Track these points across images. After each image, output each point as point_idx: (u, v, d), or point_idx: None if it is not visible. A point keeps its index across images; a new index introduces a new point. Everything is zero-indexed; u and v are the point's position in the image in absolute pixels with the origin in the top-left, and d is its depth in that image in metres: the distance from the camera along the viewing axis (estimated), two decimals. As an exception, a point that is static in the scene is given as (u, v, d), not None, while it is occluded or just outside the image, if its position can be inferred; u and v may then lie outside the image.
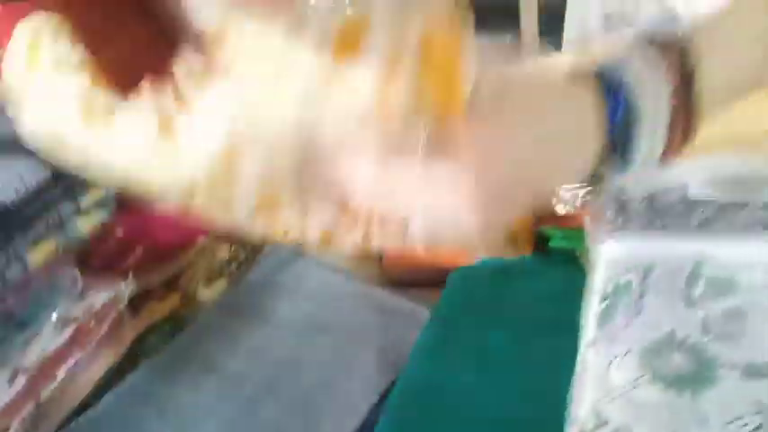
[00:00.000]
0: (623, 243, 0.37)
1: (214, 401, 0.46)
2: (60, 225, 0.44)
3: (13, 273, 0.42)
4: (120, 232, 0.53)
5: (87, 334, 0.48)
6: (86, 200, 0.45)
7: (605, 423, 0.30)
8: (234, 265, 0.62)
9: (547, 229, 0.49)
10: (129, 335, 0.51)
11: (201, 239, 0.58)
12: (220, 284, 0.60)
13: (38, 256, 0.43)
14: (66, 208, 0.44)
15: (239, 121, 0.31)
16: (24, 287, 0.44)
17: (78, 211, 0.45)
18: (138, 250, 0.54)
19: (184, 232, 0.56)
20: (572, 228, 0.47)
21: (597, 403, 0.31)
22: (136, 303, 0.53)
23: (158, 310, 0.57)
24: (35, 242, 0.43)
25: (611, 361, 0.32)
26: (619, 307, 0.34)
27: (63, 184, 0.43)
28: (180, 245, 0.57)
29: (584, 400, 0.31)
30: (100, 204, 0.46)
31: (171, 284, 0.58)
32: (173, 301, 0.58)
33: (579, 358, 0.34)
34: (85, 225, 0.45)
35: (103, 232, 0.50)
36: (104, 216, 0.46)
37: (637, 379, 0.30)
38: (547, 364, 0.36)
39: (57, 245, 0.44)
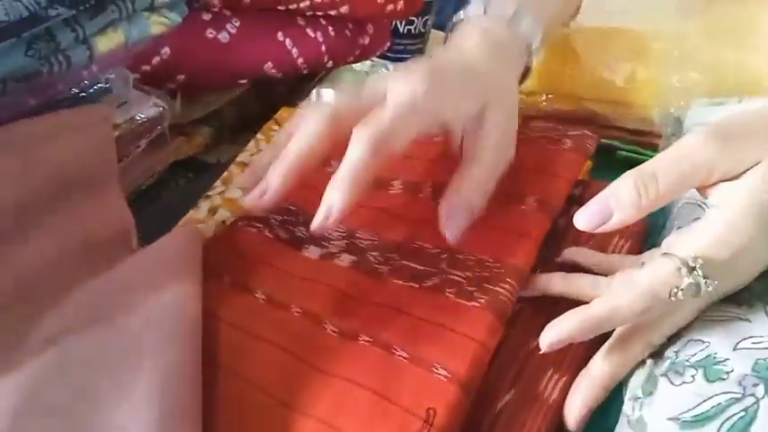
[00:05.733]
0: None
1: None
2: (131, 18, 0.39)
3: (78, 56, 0.37)
4: (167, 51, 0.48)
5: (124, 146, 0.43)
6: (161, -4, 0.40)
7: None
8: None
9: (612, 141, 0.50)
10: (164, 159, 0.47)
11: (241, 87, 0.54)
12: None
13: (105, 44, 0.38)
14: (140, 0, 0.39)
15: None
16: (82, 74, 0.39)
17: (151, 8, 0.40)
18: (181, 77, 0.49)
19: (229, 74, 0.52)
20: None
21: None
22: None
23: (184, 148, 0.53)
24: (104, 30, 0.38)
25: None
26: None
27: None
28: (221, 85, 0.53)
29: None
30: (172, 6, 0.41)
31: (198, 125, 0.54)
32: (198, 142, 0.54)
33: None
34: (155, 25, 0.40)
35: (157, 43, 0.45)
36: (174, 21, 0.41)
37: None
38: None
39: (126, 38, 0.39)
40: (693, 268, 0.28)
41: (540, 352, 0.30)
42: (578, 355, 0.33)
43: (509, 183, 0.40)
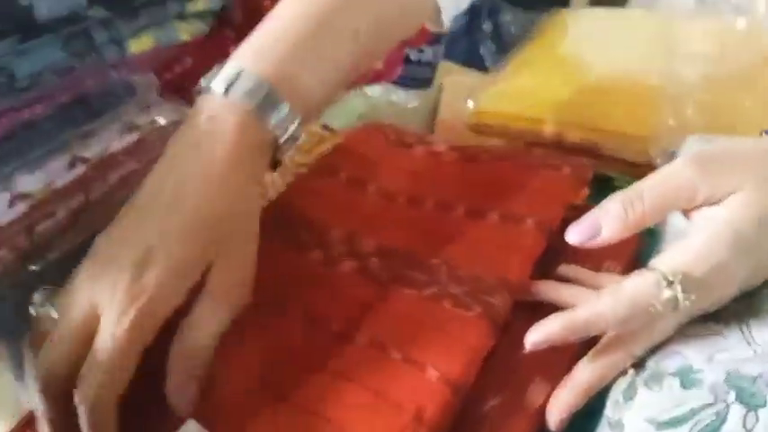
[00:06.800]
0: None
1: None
2: (162, 23, 0.42)
3: (111, 55, 0.39)
4: (190, 61, 0.51)
5: (146, 148, 0.46)
6: (191, 6, 0.42)
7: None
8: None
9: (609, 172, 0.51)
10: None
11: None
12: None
13: (137, 46, 0.40)
14: (172, 6, 0.41)
15: None
16: (112, 74, 0.41)
17: (182, 15, 0.42)
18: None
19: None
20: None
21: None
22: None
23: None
24: (136, 32, 0.40)
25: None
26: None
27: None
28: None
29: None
30: (201, 16, 0.44)
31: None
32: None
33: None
34: (184, 32, 0.43)
35: (180, 52, 0.47)
36: (202, 29, 0.43)
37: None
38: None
39: (156, 42, 0.41)
40: (672, 282, 0.29)
41: (525, 351, 0.31)
42: (565, 365, 0.35)
43: (510, 205, 0.43)
